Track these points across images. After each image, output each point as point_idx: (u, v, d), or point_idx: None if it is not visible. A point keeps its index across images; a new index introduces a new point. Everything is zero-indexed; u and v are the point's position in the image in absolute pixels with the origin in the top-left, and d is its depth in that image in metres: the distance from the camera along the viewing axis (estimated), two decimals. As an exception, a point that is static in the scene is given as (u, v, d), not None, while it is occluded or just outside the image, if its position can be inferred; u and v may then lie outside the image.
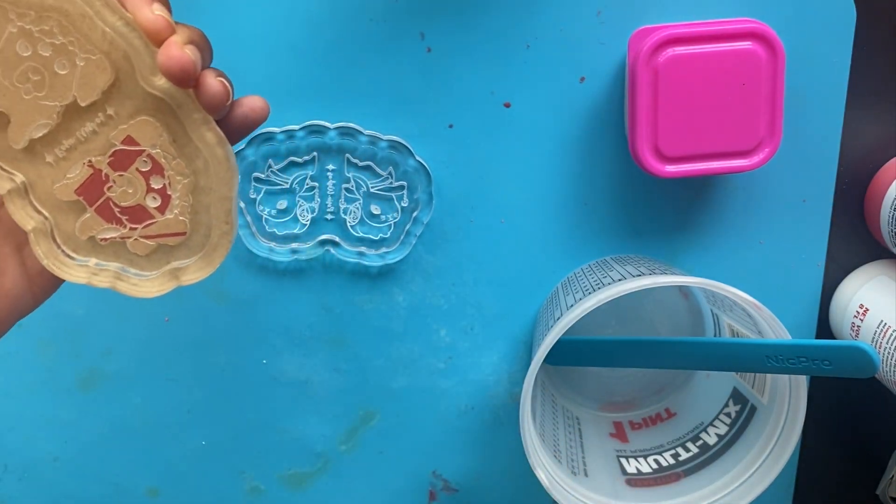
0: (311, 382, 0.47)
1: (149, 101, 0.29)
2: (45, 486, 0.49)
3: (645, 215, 0.45)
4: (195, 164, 0.29)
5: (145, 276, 0.31)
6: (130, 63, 0.28)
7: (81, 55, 0.28)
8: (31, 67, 0.28)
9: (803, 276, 0.45)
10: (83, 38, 0.28)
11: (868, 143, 0.44)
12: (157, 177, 0.30)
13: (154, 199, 0.30)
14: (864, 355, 0.34)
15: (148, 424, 0.48)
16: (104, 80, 0.28)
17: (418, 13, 0.42)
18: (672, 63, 0.38)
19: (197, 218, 0.30)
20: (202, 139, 0.29)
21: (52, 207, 0.30)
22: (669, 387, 0.48)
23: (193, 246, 0.31)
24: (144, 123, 0.29)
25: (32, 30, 0.27)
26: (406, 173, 0.43)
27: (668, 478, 0.43)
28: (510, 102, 0.43)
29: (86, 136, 0.29)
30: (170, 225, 0.30)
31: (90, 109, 0.29)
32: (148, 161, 0.29)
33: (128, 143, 0.29)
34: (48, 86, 0.28)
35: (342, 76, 0.43)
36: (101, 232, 0.30)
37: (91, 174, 0.29)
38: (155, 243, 0.31)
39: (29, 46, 0.28)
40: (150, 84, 0.28)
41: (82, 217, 0.30)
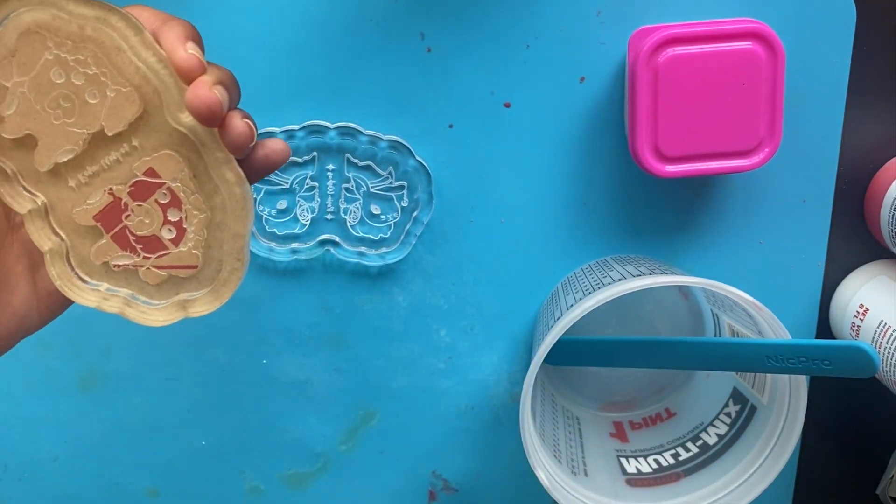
0: (311, 382, 0.47)
1: (174, 136, 0.29)
2: (44, 486, 0.49)
3: (645, 215, 0.45)
4: (213, 201, 0.30)
5: (154, 305, 0.32)
6: (159, 98, 0.29)
7: (112, 86, 0.29)
8: (62, 94, 0.29)
9: (803, 276, 0.45)
10: (116, 71, 0.28)
11: (868, 143, 0.44)
12: (174, 210, 0.30)
13: (170, 230, 0.31)
14: (864, 355, 0.34)
15: (148, 424, 0.48)
16: (132, 113, 0.29)
17: (418, 13, 0.42)
18: (672, 63, 0.38)
19: (209, 253, 0.31)
20: (222, 177, 0.30)
21: (70, 231, 0.31)
22: (669, 387, 0.48)
23: (204, 280, 0.31)
24: (167, 157, 0.30)
25: (68, 59, 0.28)
26: (406, 173, 0.43)
27: (668, 478, 0.43)
28: (510, 102, 0.43)
29: (109, 164, 0.30)
30: (182, 257, 0.31)
31: (116, 139, 0.29)
32: (167, 194, 0.30)
33: (149, 175, 0.30)
34: (78, 113, 0.29)
35: (342, 76, 0.43)
36: (116, 258, 0.31)
37: (111, 202, 0.30)
38: (166, 274, 0.31)
39: (63, 74, 0.29)
40: (177, 120, 0.29)
41: (98, 242, 0.31)
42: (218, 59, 0.42)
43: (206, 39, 0.42)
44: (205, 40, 0.42)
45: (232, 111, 0.29)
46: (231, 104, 0.29)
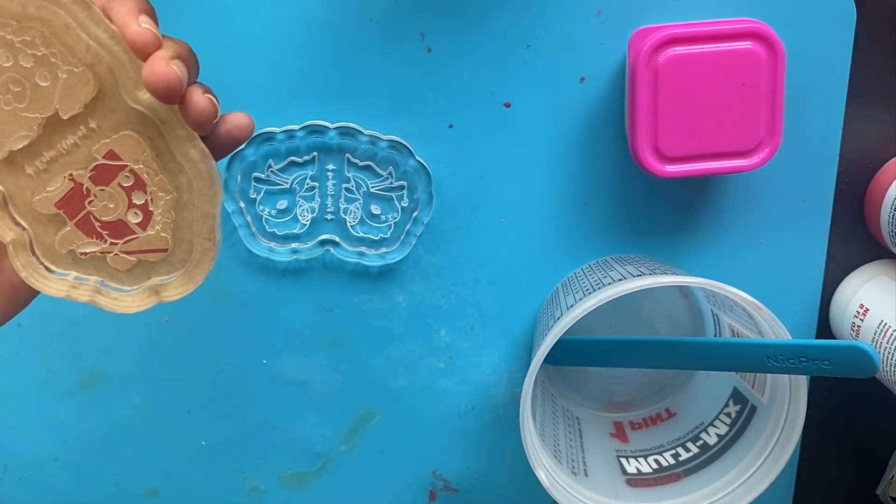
0: (311, 382, 0.47)
1: (132, 115, 0.28)
2: (45, 486, 0.49)
3: (645, 215, 0.45)
4: (178, 181, 0.29)
5: (125, 291, 0.31)
6: (114, 76, 0.27)
7: (64, 67, 0.27)
8: (11, 78, 0.27)
9: (803, 276, 0.45)
10: (66, 50, 0.27)
11: (868, 143, 0.44)
12: (139, 192, 0.29)
13: (136, 214, 0.30)
14: (864, 355, 0.34)
15: (148, 424, 0.48)
16: (87, 93, 0.28)
17: (418, 13, 0.42)
18: (672, 63, 0.38)
19: (179, 234, 0.30)
20: (186, 155, 0.29)
21: (32, 219, 0.30)
22: (669, 387, 0.48)
23: (175, 262, 0.31)
24: (127, 138, 0.28)
25: (14, 40, 0.27)
26: (406, 173, 0.43)
27: (668, 478, 0.43)
28: (510, 102, 0.43)
29: (67, 148, 0.29)
30: (151, 241, 0.30)
31: (72, 122, 0.28)
32: (130, 176, 0.29)
33: (110, 158, 0.29)
34: (29, 97, 0.28)
35: (342, 76, 0.43)
36: (82, 246, 0.30)
37: (72, 188, 0.29)
38: (136, 259, 0.30)
39: (10, 57, 0.27)
40: (135, 99, 0.28)
41: (62, 230, 0.30)
42: (218, 59, 0.42)
43: (206, 40, 0.42)
44: (205, 41, 0.42)
45: (192, 86, 0.28)
46: (190, 79, 0.28)
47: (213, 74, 0.42)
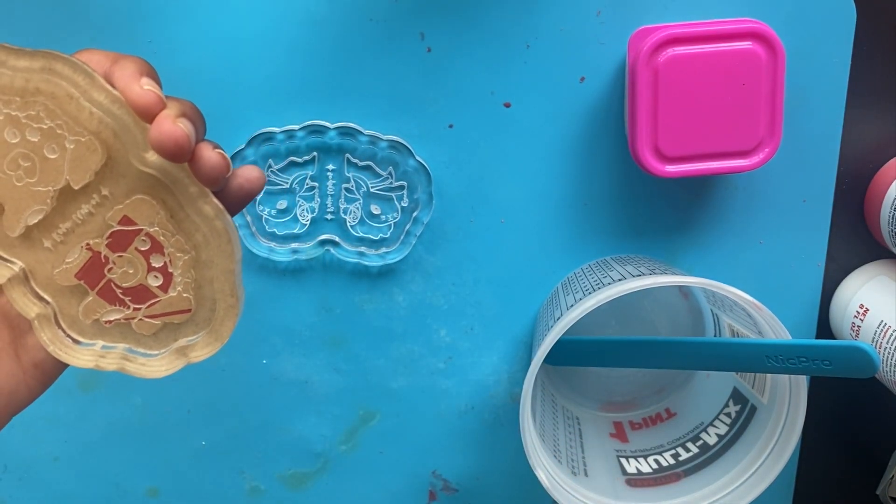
0: (311, 382, 0.47)
1: (143, 178, 0.28)
2: (44, 487, 0.49)
3: (645, 215, 0.45)
4: (195, 239, 0.29)
5: (153, 356, 0.31)
6: (121, 142, 0.27)
7: (70, 137, 0.27)
8: (20, 154, 0.27)
9: (803, 276, 0.45)
10: (71, 120, 0.27)
11: (868, 143, 0.44)
12: (157, 255, 0.29)
13: (156, 277, 0.29)
14: (864, 355, 0.34)
15: (148, 424, 0.48)
16: (95, 162, 0.27)
17: (418, 13, 0.42)
18: (672, 63, 0.38)
19: (201, 293, 0.30)
20: (200, 213, 0.28)
21: (55, 292, 0.30)
22: (669, 387, 0.48)
23: (200, 321, 0.30)
24: (140, 202, 0.28)
25: (19, 116, 0.27)
26: (406, 173, 0.43)
27: (668, 478, 0.43)
28: (510, 102, 0.43)
29: (82, 218, 0.29)
30: (174, 303, 0.30)
31: (84, 192, 0.28)
32: (147, 240, 0.29)
33: (125, 224, 0.29)
34: (39, 171, 0.28)
35: (342, 76, 0.43)
36: (105, 314, 0.30)
37: (90, 257, 0.29)
38: (160, 322, 0.30)
39: (17, 133, 0.27)
40: (143, 162, 0.27)
41: (85, 301, 0.30)
42: (218, 59, 0.42)
43: (206, 40, 0.42)
44: (205, 41, 0.42)
45: (201, 143, 0.27)
46: (198, 136, 0.27)
47: (214, 75, 0.42)
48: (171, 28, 0.42)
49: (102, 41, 0.41)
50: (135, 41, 0.42)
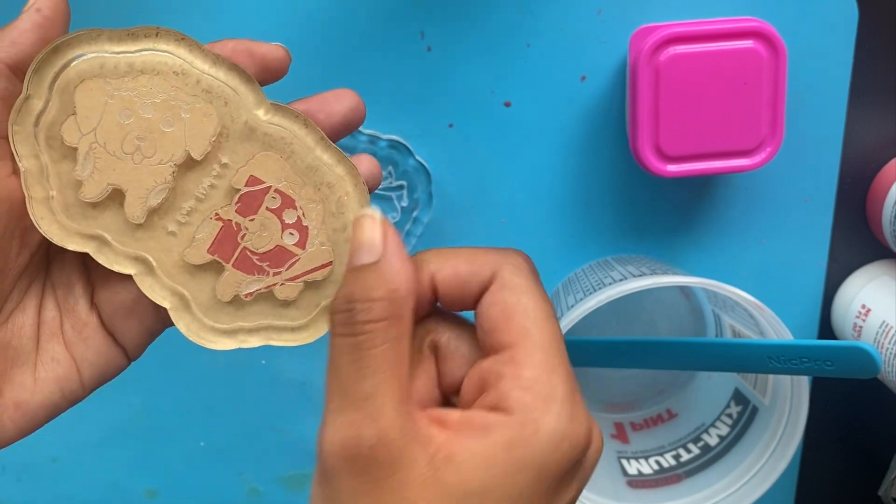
0: (311, 383, 0.47)
1: (259, 138, 0.28)
2: (43, 487, 0.49)
3: (646, 215, 0.45)
4: (321, 189, 0.28)
5: (298, 325, 0.30)
6: (232, 105, 0.27)
7: (185, 106, 0.27)
8: (136, 133, 0.27)
9: (805, 277, 0.45)
10: (182, 91, 0.27)
11: (870, 143, 0.44)
12: (289, 210, 0.28)
13: (291, 234, 0.28)
14: (866, 356, 0.34)
15: (147, 425, 0.48)
16: (212, 127, 0.27)
17: (418, 13, 0.42)
18: (673, 62, 0.38)
19: (338, 246, 0.29)
20: (320, 160, 0.28)
21: (186, 278, 0.29)
22: (671, 387, 0.48)
23: (339, 277, 0.29)
24: (265, 158, 0.28)
25: (130, 96, 0.27)
26: (406, 173, 0.43)
27: (669, 479, 0.43)
28: (510, 102, 0.43)
29: (204, 192, 0.28)
30: (314, 258, 0.28)
31: (204, 164, 0.28)
32: (276, 196, 0.28)
33: (252, 184, 0.28)
34: (157, 147, 0.27)
35: (342, 76, 0.43)
36: (245, 287, 0.29)
37: (221, 227, 0.28)
38: (302, 283, 0.29)
39: (129, 113, 0.27)
40: (257, 120, 0.27)
41: (221, 277, 0.28)
42: (217, 59, 0.42)
43: (206, 39, 0.42)
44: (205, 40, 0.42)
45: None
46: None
47: (212, 74, 0.42)
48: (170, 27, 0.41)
49: (101, 40, 0.41)
50: (133, 40, 0.41)
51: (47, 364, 0.28)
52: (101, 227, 0.28)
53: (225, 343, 0.29)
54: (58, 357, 0.29)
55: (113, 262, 0.28)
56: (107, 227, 0.28)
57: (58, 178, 0.27)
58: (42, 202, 0.27)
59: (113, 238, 0.28)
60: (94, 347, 0.29)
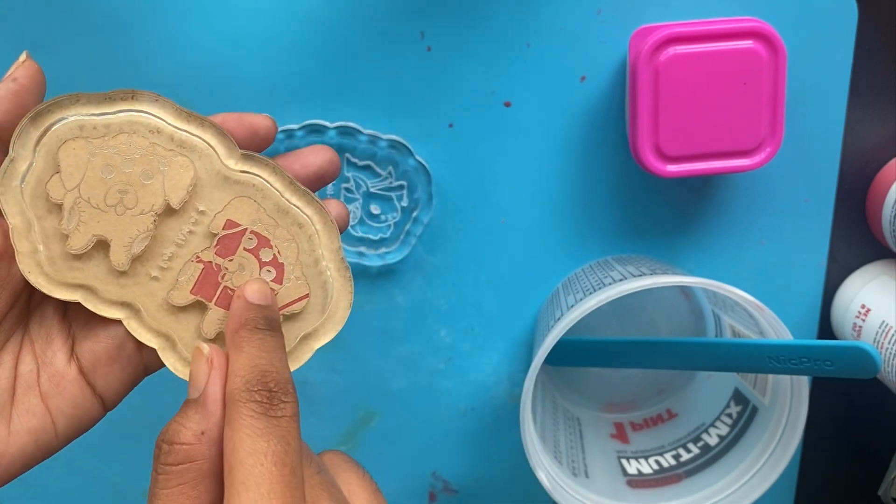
0: (311, 383, 0.47)
1: (232, 185, 0.30)
2: (43, 487, 0.49)
3: (646, 215, 0.45)
4: (293, 229, 0.30)
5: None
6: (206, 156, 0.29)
7: (163, 160, 0.29)
8: (118, 187, 0.29)
9: (805, 276, 0.45)
10: (160, 146, 0.29)
11: (870, 143, 0.44)
12: (265, 249, 0.30)
13: (269, 271, 0.30)
14: (865, 356, 0.34)
15: (147, 425, 0.48)
16: (189, 178, 0.29)
17: (418, 13, 0.42)
18: (673, 62, 0.38)
19: (314, 278, 0.31)
20: (290, 203, 0.30)
21: (170, 321, 0.30)
22: (670, 387, 0.48)
23: (317, 307, 0.31)
24: (240, 202, 0.30)
25: (111, 153, 0.29)
26: (406, 173, 0.43)
27: (669, 479, 0.43)
28: (510, 102, 0.43)
29: (184, 239, 0.30)
30: (291, 291, 0.30)
31: (182, 212, 0.29)
32: (252, 237, 0.30)
33: (229, 227, 0.30)
34: (138, 198, 0.29)
35: (342, 75, 0.43)
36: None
37: (203, 269, 0.30)
38: (281, 316, 0.30)
39: (111, 168, 0.29)
40: (228, 170, 0.30)
41: (205, 315, 0.30)
42: (218, 59, 0.42)
43: (205, 39, 0.42)
44: (204, 40, 0.42)
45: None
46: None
47: (213, 74, 0.42)
48: (170, 27, 0.41)
49: (102, 41, 0.41)
50: (135, 41, 0.41)
51: (22, 416, 0.29)
52: (86, 277, 0.29)
53: None
54: (33, 409, 0.29)
55: (101, 308, 0.30)
56: (92, 277, 0.30)
57: (43, 232, 0.29)
58: (29, 255, 0.29)
59: (99, 286, 0.30)
60: (71, 399, 0.30)
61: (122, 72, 0.42)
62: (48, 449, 0.30)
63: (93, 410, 0.31)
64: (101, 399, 0.31)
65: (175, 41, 0.42)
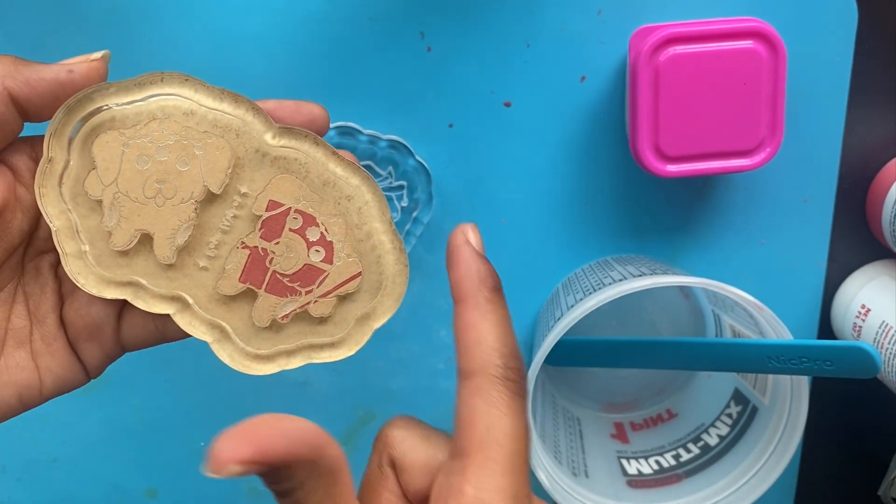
0: (311, 383, 0.47)
1: (273, 162, 0.28)
2: (43, 487, 0.49)
3: (646, 215, 0.45)
4: (340, 203, 0.29)
5: (338, 339, 0.30)
6: (243, 135, 0.28)
7: (197, 144, 0.28)
8: (155, 177, 0.28)
9: (805, 277, 0.45)
10: (192, 130, 0.28)
11: (870, 143, 0.44)
12: (312, 228, 0.29)
13: (317, 251, 0.29)
14: (865, 356, 0.34)
15: (147, 425, 0.48)
16: (226, 159, 0.28)
17: (418, 12, 0.42)
18: (673, 62, 0.38)
19: (364, 256, 0.29)
20: (335, 174, 0.29)
21: (222, 311, 0.29)
22: (670, 387, 0.48)
23: (372, 286, 0.30)
24: (280, 181, 0.28)
25: (144, 142, 0.28)
26: (406, 173, 0.43)
27: (669, 479, 0.43)
28: (510, 102, 0.43)
29: (229, 224, 0.29)
30: (342, 271, 0.29)
31: (224, 197, 0.28)
32: (297, 216, 0.29)
33: (272, 208, 0.28)
34: (177, 187, 0.28)
35: (342, 76, 0.43)
36: (280, 309, 0.29)
37: (249, 255, 0.29)
38: (335, 297, 0.29)
39: (146, 158, 0.28)
40: (268, 145, 0.28)
41: (256, 303, 0.29)
42: (217, 59, 0.42)
43: (205, 39, 0.42)
44: (204, 40, 0.42)
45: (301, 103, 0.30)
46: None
47: (213, 74, 0.42)
48: (170, 27, 0.41)
49: (102, 41, 0.41)
50: (135, 41, 0.41)
51: (11, 369, 0.29)
52: (135, 272, 0.29)
53: (268, 368, 0.30)
54: (22, 364, 0.29)
55: (151, 304, 0.29)
56: (140, 272, 0.29)
57: (88, 231, 0.28)
58: (76, 257, 0.28)
59: (147, 281, 0.29)
60: (60, 361, 0.29)
61: (121, 72, 0.42)
62: (29, 404, 0.29)
63: (78, 375, 0.30)
64: (85, 368, 0.30)
65: (175, 41, 0.42)
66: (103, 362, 0.31)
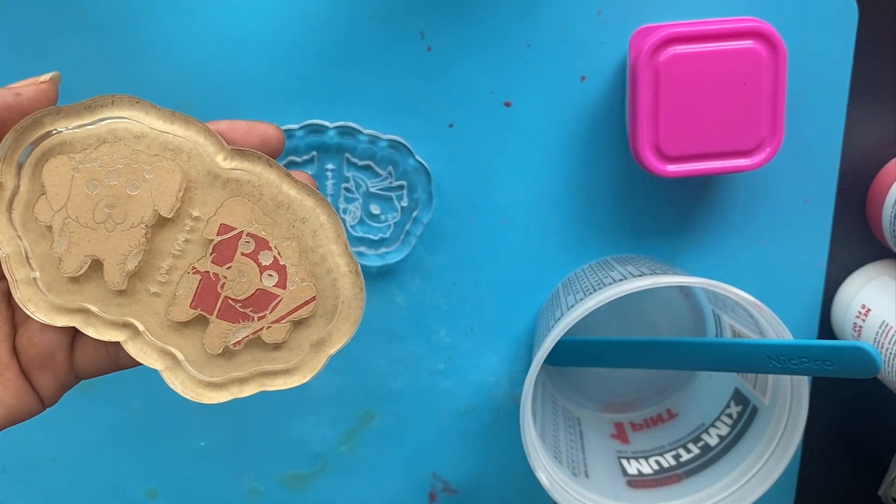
0: (311, 383, 0.47)
1: (225, 184, 0.28)
2: (43, 488, 0.49)
3: (646, 215, 0.45)
4: (296, 225, 0.28)
5: (291, 366, 0.30)
6: (194, 157, 0.28)
7: (147, 167, 0.27)
8: (105, 202, 0.27)
9: (805, 277, 0.45)
10: (142, 153, 0.27)
11: (870, 143, 0.44)
12: (264, 252, 0.28)
13: (270, 276, 0.28)
14: (865, 356, 0.34)
15: (146, 426, 0.48)
16: (177, 182, 0.27)
17: (418, 12, 0.42)
18: (673, 62, 0.38)
19: (318, 280, 0.29)
20: (289, 196, 0.28)
21: (174, 338, 0.29)
22: (670, 387, 0.48)
23: (328, 309, 0.29)
24: (232, 203, 0.28)
25: (94, 166, 0.27)
26: (406, 173, 0.43)
27: (669, 479, 0.43)
28: (510, 102, 0.43)
29: (180, 249, 0.28)
30: (296, 295, 0.28)
31: (176, 221, 0.28)
32: (250, 240, 0.28)
33: (224, 232, 0.28)
34: (127, 211, 0.27)
35: (342, 75, 0.43)
36: (232, 336, 0.29)
37: (200, 280, 0.28)
38: (289, 322, 0.29)
39: (96, 182, 0.27)
40: (219, 168, 0.28)
41: (207, 329, 0.29)
42: (217, 59, 0.42)
43: (205, 39, 0.42)
44: (204, 40, 0.42)
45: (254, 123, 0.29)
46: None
47: (213, 74, 0.42)
48: (170, 27, 0.41)
49: (101, 41, 0.41)
50: (134, 41, 0.41)
51: None
52: (85, 299, 0.28)
53: (220, 395, 0.30)
54: None
55: (101, 332, 0.29)
56: (91, 299, 0.28)
57: (38, 258, 0.28)
58: (27, 283, 0.28)
59: (98, 308, 0.28)
60: (13, 390, 0.29)
61: (121, 72, 0.42)
62: None
63: (32, 405, 0.30)
64: (39, 396, 0.30)
65: (175, 41, 0.42)
66: (58, 391, 0.30)
